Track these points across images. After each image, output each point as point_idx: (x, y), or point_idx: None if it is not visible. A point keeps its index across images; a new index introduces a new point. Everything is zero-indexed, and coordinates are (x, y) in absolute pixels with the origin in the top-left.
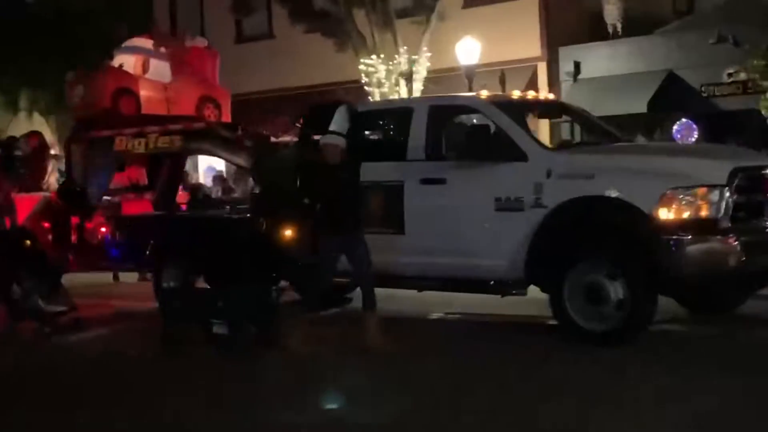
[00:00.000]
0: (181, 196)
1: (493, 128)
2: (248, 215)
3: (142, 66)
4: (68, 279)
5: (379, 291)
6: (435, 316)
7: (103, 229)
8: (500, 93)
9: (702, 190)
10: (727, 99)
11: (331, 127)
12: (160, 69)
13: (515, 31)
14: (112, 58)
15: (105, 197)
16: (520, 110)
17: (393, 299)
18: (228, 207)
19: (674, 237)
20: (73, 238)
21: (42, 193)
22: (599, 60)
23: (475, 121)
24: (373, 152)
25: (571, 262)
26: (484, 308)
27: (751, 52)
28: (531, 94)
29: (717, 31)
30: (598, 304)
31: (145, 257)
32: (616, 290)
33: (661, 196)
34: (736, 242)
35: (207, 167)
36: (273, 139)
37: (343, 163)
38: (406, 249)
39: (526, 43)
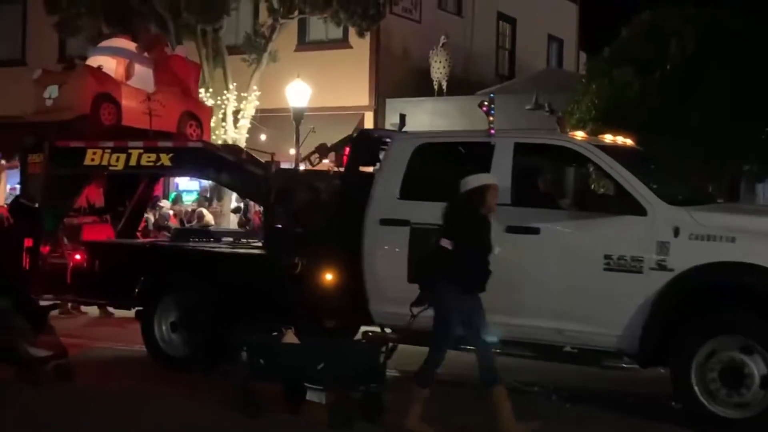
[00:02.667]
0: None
1: (593, 174)
2: (274, 252)
3: (126, 71)
4: None
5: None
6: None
7: (78, 256)
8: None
9: None
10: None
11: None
12: (144, 76)
13: (345, 78)
14: (85, 58)
15: (66, 218)
16: (625, 156)
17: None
18: (229, 239)
19: None
20: (25, 262)
21: None
22: (424, 114)
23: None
24: (436, 191)
25: (703, 335)
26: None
27: (564, 120)
28: (610, 138)
29: (534, 97)
30: (739, 386)
31: (132, 293)
32: (757, 365)
33: None
34: None
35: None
36: (306, 165)
37: None
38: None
39: (355, 91)
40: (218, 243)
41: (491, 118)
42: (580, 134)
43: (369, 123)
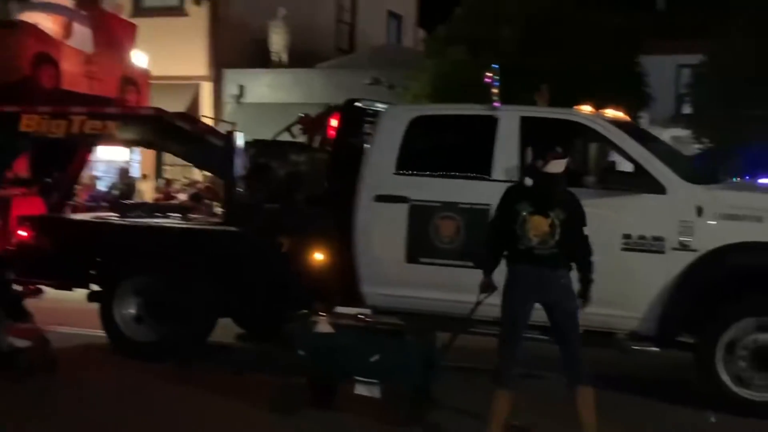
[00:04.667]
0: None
1: (608, 151)
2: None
3: (64, 29)
4: None
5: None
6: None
7: (23, 233)
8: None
9: None
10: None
11: None
12: (83, 36)
13: (182, 47)
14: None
15: None
16: (634, 132)
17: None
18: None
19: None
20: None
21: None
22: (262, 86)
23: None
24: (437, 166)
25: (730, 318)
26: None
27: (401, 96)
28: (609, 113)
29: (373, 72)
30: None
31: (86, 274)
32: None
33: None
34: None
35: None
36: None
37: None
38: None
39: (192, 60)
40: (176, 219)
41: (495, 90)
42: (587, 108)
43: (206, 93)
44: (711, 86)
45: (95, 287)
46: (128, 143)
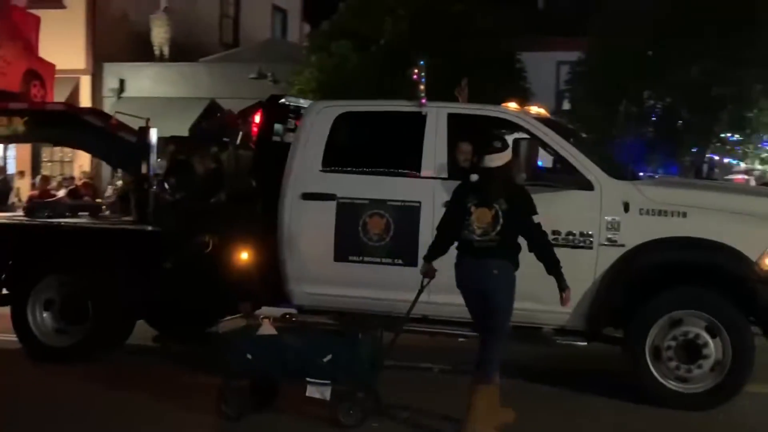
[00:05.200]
0: None
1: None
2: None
3: None
4: None
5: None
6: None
7: None
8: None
9: None
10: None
11: None
12: None
13: (60, 40)
14: None
15: None
16: (562, 130)
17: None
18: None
19: None
20: None
21: None
22: (144, 80)
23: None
24: (363, 162)
25: (657, 311)
26: None
27: (286, 90)
28: (533, 110)
29: (258, 67)
30: (692, 362)
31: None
32: (717, 349)
33: None
34: None
35: None
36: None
37: None
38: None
39: (70, 54)
40: (91, 219)
41: (422, 87)
42: (513, 105)
43: (86, 87)
44: (586, 83)
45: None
46: (35, 140)
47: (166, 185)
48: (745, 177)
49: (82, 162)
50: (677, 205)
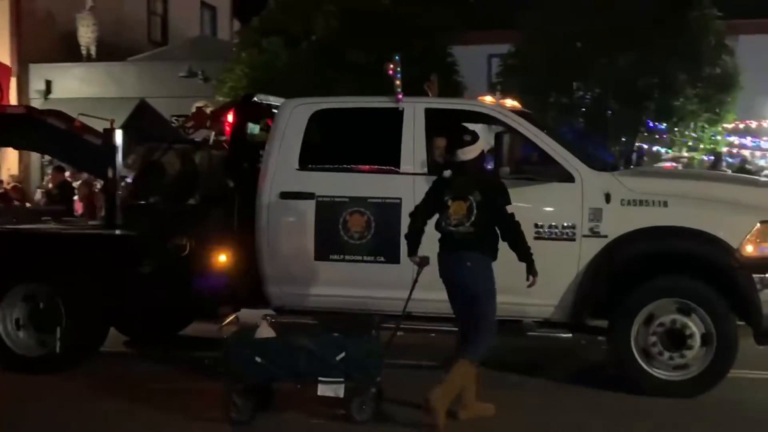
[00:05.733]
0: None
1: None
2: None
3: None
4: None
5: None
6: None
7: None
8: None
9: None
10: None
11: None
12: None
13: None
14: None
15: None
16: (536, 122)
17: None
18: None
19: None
20: None
21: None
22: (71, 81)
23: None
24: (341, 160)
25: (641, 300)
26: None
27: (217, 88)
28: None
29: (188, 65)
30: (681, 347)
31: None
32: (697, 325)
33: (753, 229)
34: None
35: None
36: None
37: None
38: (402, 282)
39: None
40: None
41: (398, 82)
42: (489, 99)
43: (12, 89)
44: (517, 75)
45: None
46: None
47: (137, 188)
48: (674, 164)
49: (10, 165)
50: (658, 194)
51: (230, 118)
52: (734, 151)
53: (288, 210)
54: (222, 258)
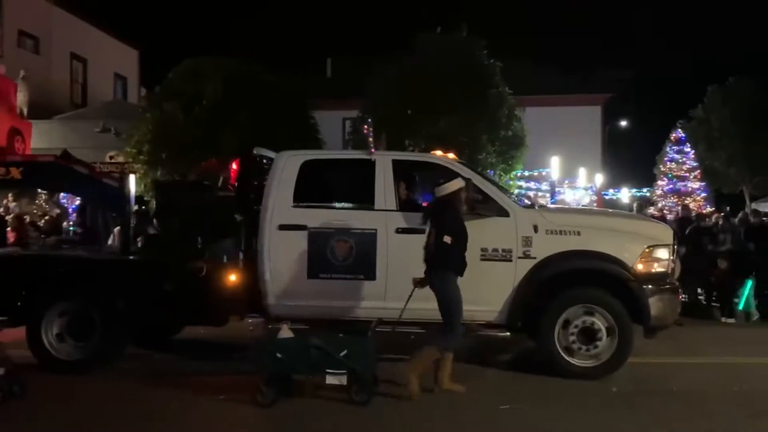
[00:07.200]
0: None
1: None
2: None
3: None
4: None
5: None
6: None
7: None
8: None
9: (664, 249)
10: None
11: None
12: None
13: None
14: None
15: None
16: (478, 171)
17: None
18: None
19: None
20: None
21: None
22: None
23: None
24: (326, 199)
25: (561, 306)
26: None
27: (126, 141)
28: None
29: (102, 123)
30: (594, 340)
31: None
32: (602, 322)
33: (642, 252)
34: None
35: None
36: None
37: None
38: (377, 294)
39: None
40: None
41: (371, 139)
42: (439, 153)
43: None
44: (362, 134)
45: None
46: (30, 187)
47: (156, 223)
48: None
49: None
50: (573, 226)
51: (235, 166)
52: (524, 193)
53: (285, 239)
54: (232, 278)
